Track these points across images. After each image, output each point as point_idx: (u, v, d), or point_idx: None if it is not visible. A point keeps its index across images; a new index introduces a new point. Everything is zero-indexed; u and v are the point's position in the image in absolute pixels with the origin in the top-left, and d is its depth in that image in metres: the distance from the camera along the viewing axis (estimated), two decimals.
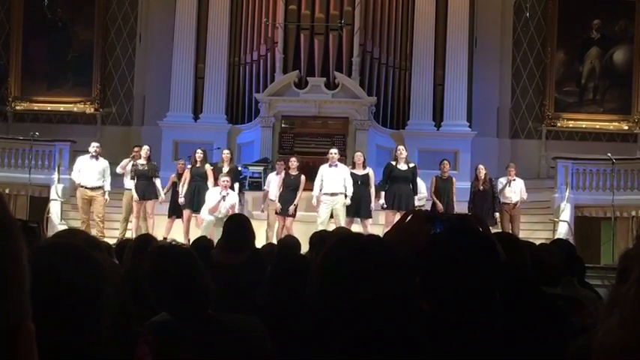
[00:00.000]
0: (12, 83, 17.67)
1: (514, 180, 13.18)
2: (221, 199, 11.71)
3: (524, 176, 13.82)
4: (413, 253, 1.87)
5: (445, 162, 13.00)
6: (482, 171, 13.03)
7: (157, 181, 12.96)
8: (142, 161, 12.85)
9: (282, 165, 12.82)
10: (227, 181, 11.95)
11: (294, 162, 12.48)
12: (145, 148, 13.09)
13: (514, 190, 13.12)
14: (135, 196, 12.69)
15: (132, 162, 12.91)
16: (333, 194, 11.89)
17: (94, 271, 1.23)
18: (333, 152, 12.25)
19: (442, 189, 12.72)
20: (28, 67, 17.70)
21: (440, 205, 12.52)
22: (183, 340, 2.47)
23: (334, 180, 11.94)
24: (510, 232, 12.78)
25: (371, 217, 12.18)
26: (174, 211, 12.76)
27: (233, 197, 11.99)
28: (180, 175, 12.97)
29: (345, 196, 11.90)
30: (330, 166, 12.07)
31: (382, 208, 12.11)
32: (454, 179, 13.05)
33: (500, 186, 13.12)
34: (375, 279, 1.45)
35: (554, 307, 2.43)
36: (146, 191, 12.72)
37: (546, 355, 2.00)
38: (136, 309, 2.86)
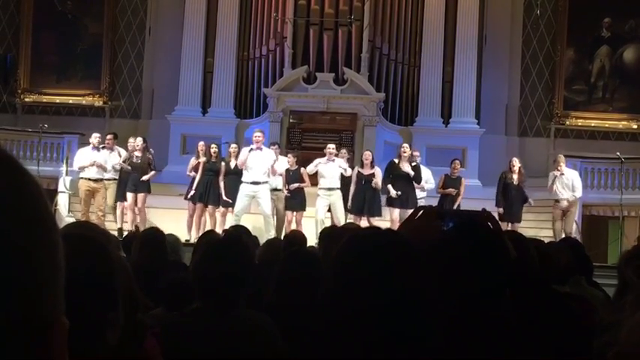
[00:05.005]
0: (21, 75, 17.71)
1: (563, 175, 12.69)
2: (248, 153, 11.68)
3: (532, 174, 13.71)
4: (424, 249, 1.86)
5: (457, 161, 12.91)
6: (516, 164, 12.59)
7: (151, 173, 12.86)
8: (137, 153, 12.83)
9: (275, 151, 12.70)
10: (260, 136, 11.91)
11: (291, 158, 12.48)
12: (139, 139, 13.02)
13: (564, 186, 12.61)
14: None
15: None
16: (329, 189, 11.98)
17: (108, 264, 1.24)
18: (331, 148, 12.30)
19: (450, 187, 12.66)
20: (37, 60, 17.73)
21: (452, 190, 12.43)
22: (195, 334, 2.47)
23: (331, 175, 12.02)
24: (562, 230, 12.50)
25: (380, 215, 12.17)
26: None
27: (269, 154, 11.87)
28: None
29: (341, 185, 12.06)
30: (328, 161, 12.13)
31: (395, 197, 12.00)
32: (463, 179, 12.94)
33: (549, 182, 12.71)
34: (393, 276, 1.44)
35: (563, 305, 2.43)
36: (138, 184, 12.69)
37: (556, 352, 2.00)
38: (143, 302, 2.87)
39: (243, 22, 16.89)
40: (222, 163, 12.57)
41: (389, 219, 11.99)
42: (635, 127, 16.97)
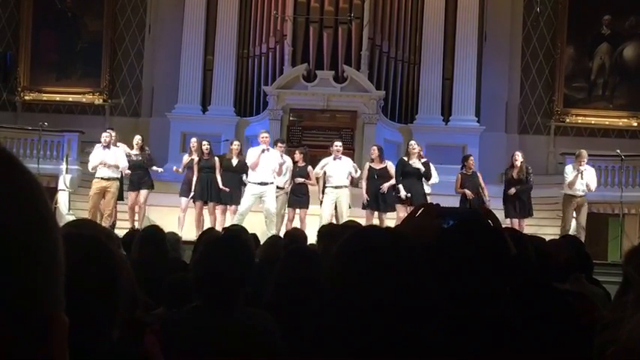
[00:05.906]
0: (21, 73, 17.70)
1: (585, 170, 12.44)
2: (261, 153, 11.69)
3: (532, 172, 13.65)
4: (424, 248, 1.86)
5: (471, 157, 12.75)
6: (518, 158, 12.43)
7: (154, 169, 12.93)
8: (135, 151, 12.85)
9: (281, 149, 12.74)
10: (266, 136, 11.92)
11: (298, 154, 12.47)
12: (137, 137, 13.08)
13: (584, 182, 12.34)
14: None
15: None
16: (337, 187, 11.96)
17: (109, 262, 1.24)
18: (338, 145, 12.24)
19: (467, 184, 12.43)
20: (37, 57, 17.73)
21: (469, 192, 12.22)
22: (195, 331, 2.48)
23: (339, 173, 11.99)
24: (577, 224, 12.35)
25: (394, 211, 12.08)
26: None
27: (275, 155, 11.86)
28: None
29: (351, 183, 12.08)
30: (335, 159, 12.10)
31: (404, 198, 11.95)
32: (479, 173, 12.79)
33: (569, 176, 12.39)
34: (393, 275, 1.43)
35: (563, 302, 2.43)
36: (140, 181, 12.72)
37: (557, 350, 2.00)
38: (143, 300, 2.87)
39: (243, 19, 16.89)
40: (216, 159, 12.60)
41: (396, 217, 11.95)
42: (635, 124, 16.97)
